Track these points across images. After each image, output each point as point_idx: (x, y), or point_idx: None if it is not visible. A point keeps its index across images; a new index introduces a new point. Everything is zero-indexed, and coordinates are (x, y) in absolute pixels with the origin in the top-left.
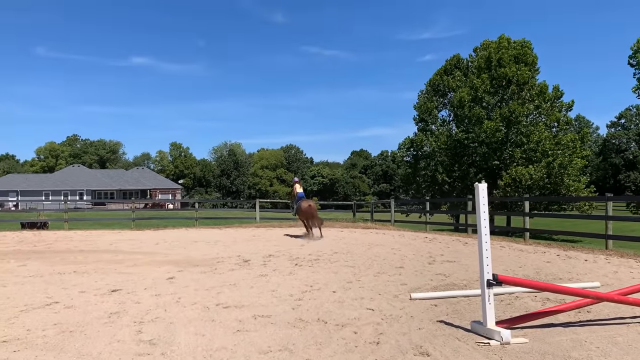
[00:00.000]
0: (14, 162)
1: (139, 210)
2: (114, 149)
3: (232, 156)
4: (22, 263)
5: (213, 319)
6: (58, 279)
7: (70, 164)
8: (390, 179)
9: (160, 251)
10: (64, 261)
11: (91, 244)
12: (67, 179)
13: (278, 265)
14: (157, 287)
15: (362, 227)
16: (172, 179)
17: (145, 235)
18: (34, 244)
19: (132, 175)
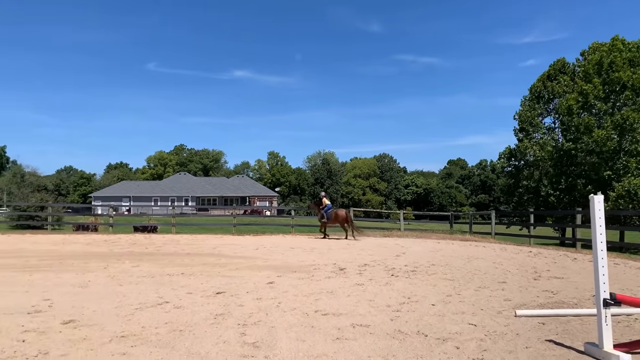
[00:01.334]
0: (127, 169)
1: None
2: (217, 158)
3: (325, 165)
4: (136, 264)
5: (312, 325)
6: (167, 280)
7: (177, 172)
8: (489, 189)
9: (260, 256)
10: (172, 263)
11: (196, 248)
12: (174, 186)
13: (374, 275)
14: (258, 291)
15: (460, 239)
16: (269, 187)
17: (246, 241)
18: (145, 247)
19: (232, 182)
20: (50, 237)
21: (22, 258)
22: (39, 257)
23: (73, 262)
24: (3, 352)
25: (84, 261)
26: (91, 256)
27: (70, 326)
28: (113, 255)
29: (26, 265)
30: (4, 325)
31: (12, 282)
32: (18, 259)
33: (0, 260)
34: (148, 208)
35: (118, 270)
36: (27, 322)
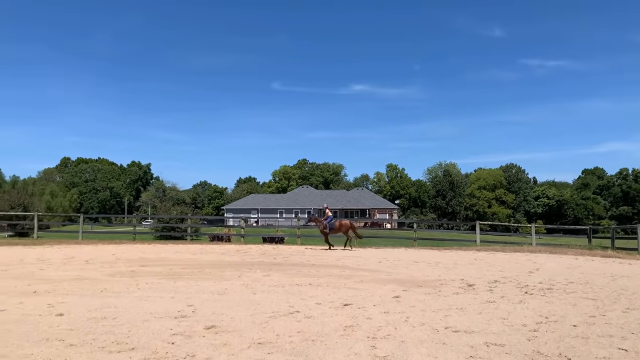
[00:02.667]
0: (255, 183)
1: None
2: (337, 171)
3: (447, 177)
4: (266, 273)
5: (444, 342)
6: (296, 290)
7: (300, 185)
8: (633, 200)
9: (384, 269)
10: (300, 274)
11: (320, 259)
12: (298, 199)
13: (506, 292)
14: (385, 305)
15: (600, 255)
16: (389, 199)
17: (368, 253)
18: (274, 257)
19: (352, 195)
20: (190, 246)
21: (166, 266)
22: (181, 265)
23: (210, 270)
24: (157, 353)
25: (220, 270)
26: (226, 265)
27: (212, 331)
28: (245, 264)
29: (170, 273)
30: (155, 327)
31: (160, 288)
32: (162, 267)
33: (148, 268)
34: (274, 220)
35: (251, 279)
36: (174, 326)
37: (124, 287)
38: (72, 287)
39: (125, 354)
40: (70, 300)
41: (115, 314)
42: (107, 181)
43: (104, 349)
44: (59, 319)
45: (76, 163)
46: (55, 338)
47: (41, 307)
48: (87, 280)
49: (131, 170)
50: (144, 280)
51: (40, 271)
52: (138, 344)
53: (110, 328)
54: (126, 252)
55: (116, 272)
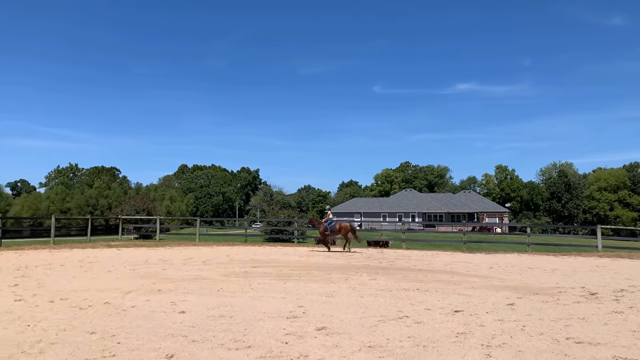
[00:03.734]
0: (357, 187)
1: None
2: (442, 174)
3: (562, 178)
4: (372, 277)
5: (565, 353)
6: (404, 294)
7: (403, 188)
8: None
9: (495, 275)
10: (407, 278)
11: (427, 264)
12: (401, 202)
13: (635, 302)
14: (498, 312)
15: None
16: (498, 202)
17: (477, 259)
18: (379, 261)
19: (459, 198)
20: (297, 249)
21: (276, 268)
22: (290, 267)
23: (318, 272)
24: (271, 351)
25: (326, 272)
26: (332, 268)
27: (323, 333)
28: (351, 267)
29: (280, 274)
30: (269, 327)
31: (271, 289)
32: (273, 268)
33: (259, 269)
34: (377, 223)
35: (357, 282)
36: (287, 326)
37: (238, 287)
38: (191, 286)
39: (243, 352)
40: (191, 299)
41: (232, 312)
42: (219, 186)
43: (223, 345)
44: (182, 316)
45: (192, 170)
46: (179, 334)
47: (165, 304)
48: (205, 280)
49: (241, 175)
50: (256, 280)
51: (163, 271)
52: (254, 342)
53: (227, 326)
54: (239, 254)
55: (230, 272)
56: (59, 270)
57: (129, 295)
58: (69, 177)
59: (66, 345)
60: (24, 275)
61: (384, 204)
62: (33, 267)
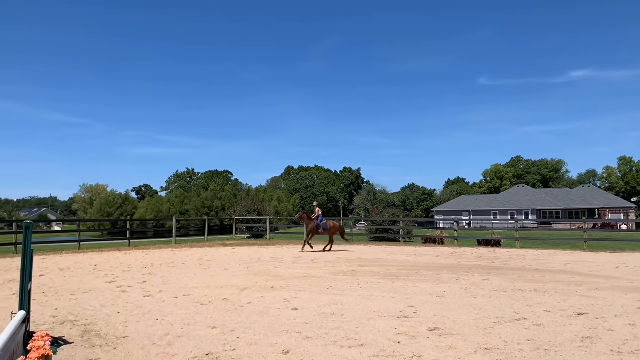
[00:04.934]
0: (465, 184)
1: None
2: (557, 168)
3: None
4: (485, 277)
5: None
6: (520, 295)
7: (514, 184)
8: None
9: (623, 276)
10: (522, 279)
11: (544, 264)
12: (513, 199)
13: None
14: (629, 316)
15: None
16: (623, 197)
17: (601, 258)
18: (492, 260)
19: (577, 193)
20: (403, 248)
21: (383, 267)
22: (397, 266)
23: (426, 272)
24: (384, 350)
25: (436, 272)
26: (442, 267)
27: (436, 333)
28: (461, 267)
29: (387, 274)
30: (380, 326)
31: (379, 288)
32: (380, 267)
33: (366, 268)
34: (487, 222)
35: (469, 282)
36: (398, 325)
37: (347, 285)
38: (302, 284)
39: (356, 350)
40: (302, 296)
41: (342, 310)
42: (323, 187)
43: (336, 343)
44: (295, 313)
45: (297, 171)
46: (294, 330)
47: (279, 301)
48: (314, 278)
49: (344, 175)
50: (364, 279)
51: (275, 269)
52: (366, 341)
53: (339, 324)
54: (345, 253)
55: (338, 271)
56: (181, 268)
57: (245, 292)
58: (187, 181)
59: (191, 338)
60: (151, 273)
61: (494, 201)
62: (158, 266)
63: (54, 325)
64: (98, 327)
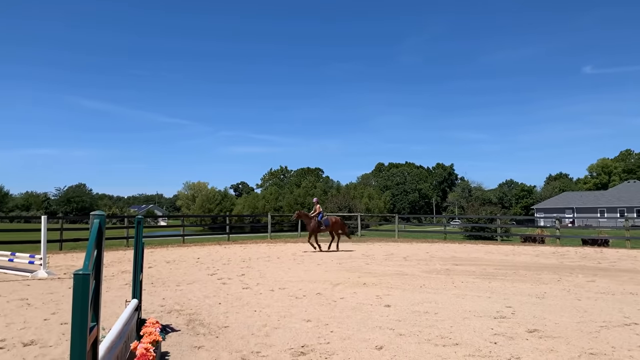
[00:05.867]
0: (568, 180)
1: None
2: None
3: None
4: (590, 279)
5: None
6: (631, 299)
7: (624, 179)
8: None
9: None
10: (633, 281)
11: None
12: (622, 196)
13: None
14: None
15: None
16: None
17: None
18: (598, 261)
19: None
20: (500, 247)
21: (479, 266)
22: (494, 266)
23: (525, 272)
24: (480, 350)
25: (535, 272)
26: (542, 267)
27: (535, 335)
28: (564, 268)
29: (484, 273)
30: (476, 325)
31: (475, 287)
32: (476, 266)
33: (461, 267)
34: (593, 220)
35: (572, 284)
36: (495, 326)
37: (440, 284)
38: (394, 281)
39: (450, 348)
40: (395, 294)
41: (436, 309)
42: (415, 183)
43: (429, 341)
44: (387, 310)
45: (388, 168)
46: (387, 327)
47: (371, 297)
48: (406, 275)
49: (436, 172)
50: (458, 278)
51: (367, 265)
52: (461, 340)
53: (433, 322)
54: (439, 251)
55: (432, 269)
56: (276, 262)
57: (337, 287)
58: (280, 178)
59: (287, 330)
60: (249, 267)
61: (600, 198)
62: (255, 259)
63: (162, 314)
64: (201, 316)
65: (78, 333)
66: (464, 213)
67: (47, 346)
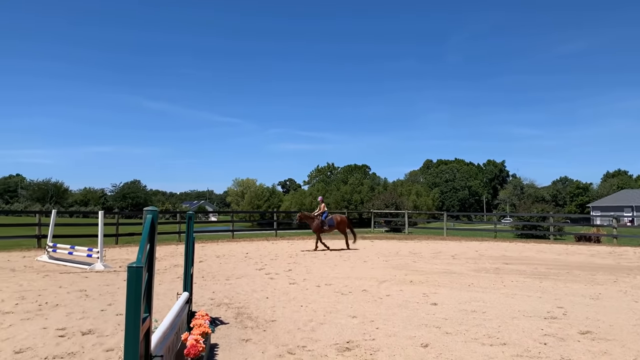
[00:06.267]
0: (627, 177)
1: None
2: None
3: None
4: None
5: None
6: None
7: None
8: None
9: None
10: None
11: None
12: None
13: None
14: None
15: None
16: None
17: None
18: None
19: None
20: (553, 246)
21: (530, 265)
22: (546, 265)
23: (579, 272)
24: (529, 351)
25: (590, 273)
26: (597, 268)
27: (588, 337)
28: (621, 268)
29: (535, 273)
30: (525, 326)
31: (525, 287)
32: (526, 266)
33: (511, 266)
34: None
35: (629, 285)
36: (545, 327)
37: (489, 283)
38: (442, 279)
39: (498, 348)
40: (442, 292)
41: (484, 308)
42: (465, 180)
43: (476, 340)
44: (434, 308)
45: (436, 165)
46: (433, 325)
47: (417, 295)
48: (454, 274)
49: (487, 169)
50: (508, 277)
51: (414, 263)
52: (509, 340)
53: (480, 321)
54: (488, 250)
55: (481, 268)
56: (322, 258)
57: (383, 285)
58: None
59: (332, 326)
60: (295, 262)
61: None
62: (302, 255)
63: (212, 307)
64: (249, 310)
65: (132, 323)
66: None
67: (104, 335)
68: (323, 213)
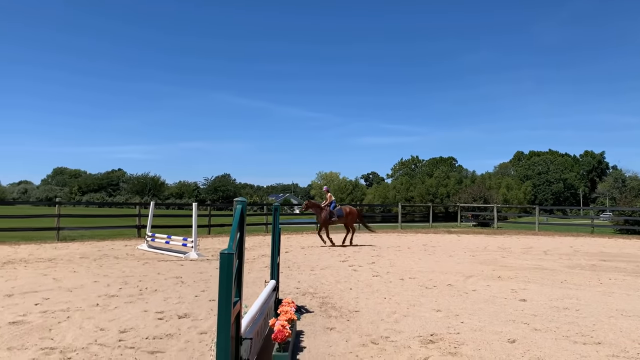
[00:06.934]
0: None
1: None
2: None
3: None
4: None
5: None
6: None
7: None
8: None
9: None
10: None
11: None
12: None
13: None
14: None
15: None
16: None
17: None
18: None
19: None
20: None
21: (630, 262)
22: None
23: None
24: (626, 352)
25: None
26: None
27: None
28: None
29: (636, 270)
30: (623, 325)
31: (624, 285)
32: (626, 263)
33: (609, 263)
34: None
35: None
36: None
37: (584, 280)
38: (532, 275)
39: (591, 347)
40: (531, 288)
41: (577, 305)
42: (559, 173)
43: (568, 338)
44: (522, 304)
45: (529, 156)
46: (520, 321)
47: (505, 291)
48: (546, 270)
49: (584, 160)
50: (606, 275)
51: (502, 258)
52: (604, 339)
53: (572, 319)
54: (584, 245)
55: (575, 264)
56: (406, 252)
57: (469, 280)
58: (411, 168)
59: (416, 318)
60: (379, 255)
61: None
62: (385, 248)
63: (297, 296)
64: (333, 300)
65: (224, 305)
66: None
67: (198, 319)
68: (331, 203)
